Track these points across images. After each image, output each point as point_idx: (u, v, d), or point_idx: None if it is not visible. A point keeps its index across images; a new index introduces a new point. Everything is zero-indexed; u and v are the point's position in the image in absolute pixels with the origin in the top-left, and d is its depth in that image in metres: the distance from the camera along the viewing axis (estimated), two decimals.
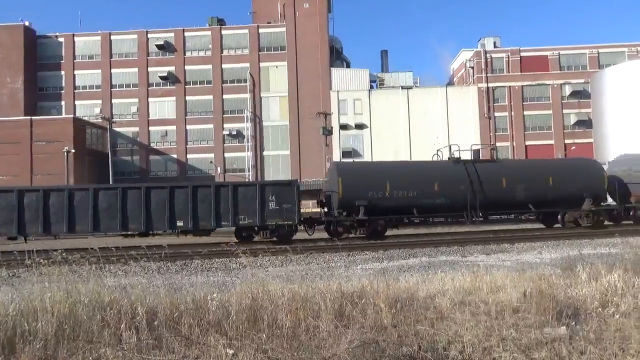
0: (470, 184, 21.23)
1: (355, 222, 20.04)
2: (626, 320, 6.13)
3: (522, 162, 24.89)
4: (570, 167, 23.96)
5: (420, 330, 5.60)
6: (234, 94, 50.30)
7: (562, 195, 22.00)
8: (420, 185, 20.93)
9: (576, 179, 22.41)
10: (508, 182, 21.60)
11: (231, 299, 6.53)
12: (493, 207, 22.00)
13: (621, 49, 50.09)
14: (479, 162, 22.50)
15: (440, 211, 21.68)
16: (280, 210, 19.12)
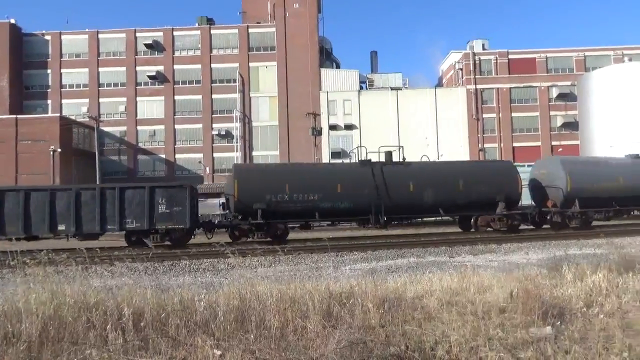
0: (376, 187, 20.37)
1: (253, 226, 19.19)
2: (610, 320, 6.22)
3: (432, 165, 23.39)
4: (482, 170, 22.93)
5: (407, 330, 5.62)
6: (223, 94, 50.13)
7: (473, 198, 21.15)
8: (323, 188, 20.01)
9: (489, 182, 21.60)
10: (416, 185, 20.75)
11: (219, 300, 6.51)
12: (399, 211, 21.15)
13: (607, 53, 50.79)
14: (386, 164, 21.56)
15: (343, 215, 20.68)
16: (171, 214, 18.48)
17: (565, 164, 23.14)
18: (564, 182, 22.27)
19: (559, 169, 22.81)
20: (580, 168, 23.65)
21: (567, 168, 22.78)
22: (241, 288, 6.66)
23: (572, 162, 24.88)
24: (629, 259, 9.16)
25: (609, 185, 22.96)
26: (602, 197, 22.77)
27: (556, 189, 22.50)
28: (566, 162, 23.91)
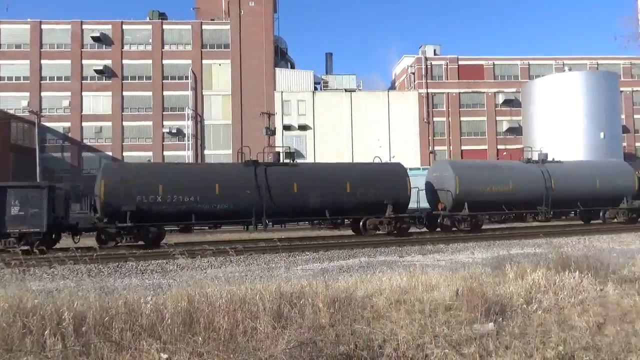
0: (258, 188, 19.40)
1: (121, 230, 17.77)
2: (547, 315, 6.55)
3: (319, 166, 23.12)
4: (371, 172, 21.94)
5: (357, 329, 5.69)
6: (174, 91, 48.90)
7: (360, 201, 20.57)
8: (200, 189, 18.86)
9: (377, 184, 20.98)
10: (300, 187, 19.91)
11: (166, 302, 6.36)
12: (283, 214, 20.23)
13: (549, 62, 53.45)
14: (271, 165, 20.75)
15: (223, 217, 19.45)
16: (26, 217, 16.93)
17: (455, 167, 22.90)
18: (453, 185, 22.07)
19: (449, 172, 22.56)
20: (470, 171, 23.26)
21: (457, 171, 22.55)
22: (190, 290, 6.53)
23: (462, 165, 24.83)
24: (565, 257, 9.66)
25: (499, 189, 22.96)
26: (491, 201, 22.79)
27: (446, 192, 22.41)
28: (456, 165, 23.77)
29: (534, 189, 23.67)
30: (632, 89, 52.51)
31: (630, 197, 25.35)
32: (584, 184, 24.69)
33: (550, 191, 23.69)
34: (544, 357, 4.96)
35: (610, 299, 7.45)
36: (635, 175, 25.87)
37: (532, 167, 24.53)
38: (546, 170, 24.25)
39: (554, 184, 23.86)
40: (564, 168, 25.36)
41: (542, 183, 23.76)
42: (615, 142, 43.72)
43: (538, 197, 23.66)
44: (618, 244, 16.91)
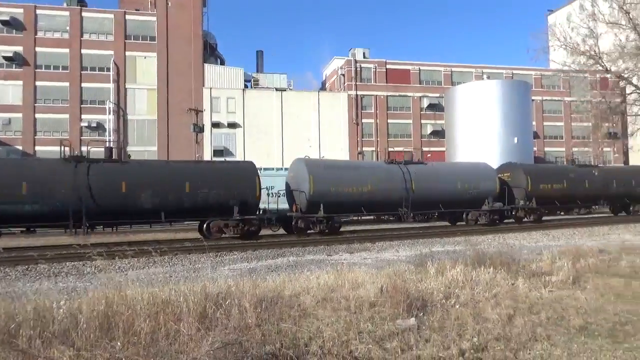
0: (77, 187, 17.17)
1: None
2: (464, 309, 6.93)
3: (154, 164, 21.13)
4: (215, 171, 20.12)
5: (283, 328, 5.69)
6: (94, 83, 46.15)
7: (202, 202, 18.82)
8: (1, 188, 16.28)
9: (222, 184, 19.30)
10: (130, 186, 18.04)
11: (82, 306, 5.99)
12: (108, 216, 18.06)
13: (470, 70, 56.56)
14: (95, 161, 18.50)
15: (33, 220, 16.93)
16: None
17: (310, 167, 21.44)
18: (307, 185, 20.81)
19: (304, 171, 21.20)
20: (327, 171, 21.94)
21: (312, 171, 21.17)
22: (108, 292, 6.19)
23: (318, 165, 23.01)
24: (481, 254, 10.27)
25: (358, 189, 21.94)
26: (349, 202, 21.72)
27: (300, 193, 21.16)
28: (311, 164, 22.10)
29: (394, 190, 22.79)
30: (542, 98, 56.91)
31: (492, 199, 25.43)
32: (446, 186, 24.35)
33: (410, 192, 22.99)
34: (460, 348, 5.23)
35: (520, 292, 8.02)
36: (497, 178, 26.12)
37: (393, 168, 23.64)
38: (407, 171, 23.49)
39: (414, 185, 23.16)
40: (426, 169, 24.79)
41: (403, 184, 22.96)
42: (527, 147, 47.09)
43: (398, 199, 22.88)
44: (528, 241, 18.25)
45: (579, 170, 30.22)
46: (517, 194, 27.06)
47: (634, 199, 32.29)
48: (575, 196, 28.86)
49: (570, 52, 17.56)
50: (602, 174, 30.69)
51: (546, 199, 27.26)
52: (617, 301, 7.46)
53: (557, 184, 28.03)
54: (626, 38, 16.37)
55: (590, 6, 17.63)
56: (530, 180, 27.00)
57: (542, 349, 5.34)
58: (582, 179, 29.39)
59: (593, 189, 29.60)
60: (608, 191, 30.46)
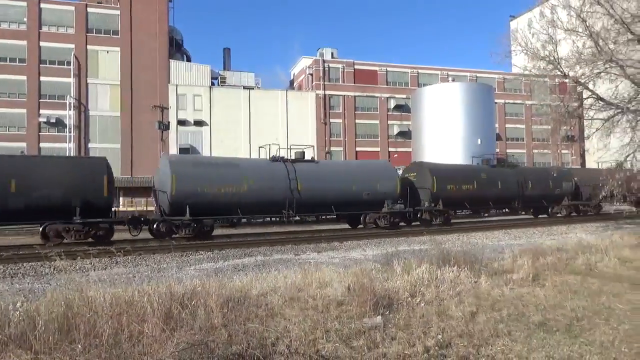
0: None
1: None
2: (429, 307, 7.05)
3: None
4: (50, 168, 17.81)
5: (250, 328, 5.65)
6: (54, 77, 44.52)
7: (34, 203, 16.67)
8: None
9: (59, 182, 17.28)
10: None
11: (40, 308, 5.79)
12: None
13: (435, 72, 57.61)
14: None
15: None
16: None
17: (173, 164, 19.36)
18: (169, 185, 18.68)
19: (167, 169, 19.10)
20: (194, 170, 19.73)
21: (175, 169, 19.08)
22: (68, 293, 5.99)
23: (183, 162, 20.49)
24: (446, 253, 10.47)
25: (231, 189, 19.77)
26: (221, 203, 19.66)
27: (163, 194, 19.17)
28: (176, 161, 19.98)
29: (277, 190, 20.61)
30: (504, 101, 58.55)
31: (391, 201, 23.68)
32: (339, 186, 22.18)
33: (295, 193, 20.96)
34: (425, 345, 5.32)
35: (482, 290, 8.22)
36: (397, 178, 24.56)
37: (277, 166, 21.41)
38: (293, 169, 21.28)
39: (301, 185, 21.11)
40: (316, 168, 22.52)
41: (287, 184, 20.77)
42: (490, 148, 48.32)
43: (281, 200, 20.61)
44: (490, 240, 18.75)
45: (491, 171, 29.07)
46: (423, 195, 25.22)
47: (552, 201, 31.18)
48: (487, 198, 27.53)
49: (531, 57, 18.10)
50: (516, 174, 29.63)
51: (454, 201, 25.90)
52: (574, 297, 7.75)
53: (467, 184, 26.51)
54: (583, 45, 17.00)
55: (550, 13, 18.24)
56: (436, 180, 25.18)
57: (503, 345, 5.49)
58: (495, 179, 28.09)
59: (506, 190, 28.37)
60: (523, 192, 29.27)
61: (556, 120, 18.32)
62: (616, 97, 17.11)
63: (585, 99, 18.72)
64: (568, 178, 31.96)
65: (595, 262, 11.41)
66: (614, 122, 17.22)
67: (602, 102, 17.30)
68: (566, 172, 33.20)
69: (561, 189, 31.33)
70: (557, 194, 31.23)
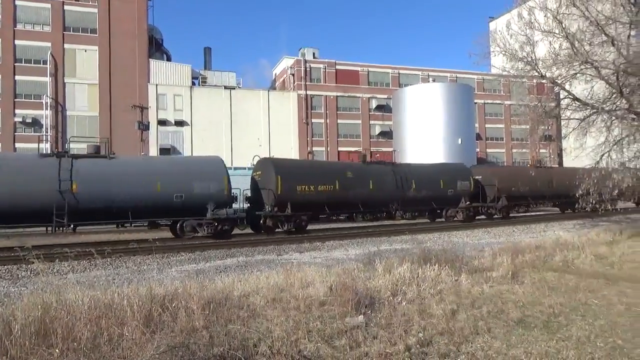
0: None
1: None
2: (411, 305, 7.11)
3: None
4: None
5: (232, 329, 5.62)
6: (29, 76, 43.57)
7: None
8: None
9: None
10: None
11: (16, 312, 5.66)
12: None
13: (416, 72, 58.08)
14: None
15: None
16: None
17: None
18: None
19: None
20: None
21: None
22: (45, 297, 5.89)
23: None
24: (427, 252, 10.58)
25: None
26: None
27: None
28: None
29: (42, 193, 16.19)
30: (484, 101, 59.35)
31: (213, 205, 19.09)
32: (137, 189, 17.72)
33: (70, 196, 16.55)
34: (406, 344, 5.36)
35: (463, 288, 8.33)
36: (224, 178, 19.62)
37: (44, 164, 16.98)
38: (68, 168, 16.83)
39: (79, 187, 16.82)
40: (107, 166, 17.94)
41: (56, 186, 16.30)
42: (470, 148, 48.96)
43: (47, 205, 16.11)
44: (471, 239, 18.98)
45: (361, 168, 24.76)
46: (266, 197, 20.96)
47: (445, 203, 26.96)
48: (352, 200, 23.12)
49: (509, 58, 18.39)
50: (395, 172, 25.28)
51: (307, 204, 21.38)
52: (552, 294, 7.90)
53: (324, 185, 22.13)
54: (559, 46, 17.34)
55: (528, 15, 18.54)
56: (281, 180, 20.77)
57: (483, 342, 5.57)
58: (365, 179, 23.71)
59: (380, 191, 23.96)
60: (405, 194, 24.90)
61: (534, 120, 18.65)
62: (592, 98, 17.50)
63: (562, 100, 19.10)
64: (465, 176, 28.16)
65: (572, 259, 11.65)
66: (589, 122, 17.61)
67: (578, 103, 17.68)
68: (463, 169, 29.40)
69: (455, 190, 27.05)
70: (451, 195, 26.93)
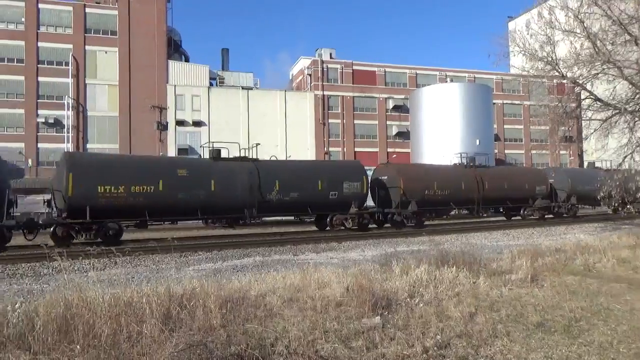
0: None
1: None
2: (428, 307, 7.05)
3: None
4: None
5: (249, 328, 5.65)
6: (52, 77, 44.48)
7: None
8: None
9: None
10: None
11: (39, 309, 5.78)
12: None
13: (434, 72, 57.69)
14: None
15: None
16: None
17: None
18: None
19: None
20: None
21: None
22: (67, 294, 5.99)
23: None
24: (445, 254, 10.48)
25: None
26: None
27: None
28: None
29: None
30: (502, 102, 58.66)
31: None
32: None
33: None
34: (424, 346, 5.32)
35: (481, 291, 8.23)
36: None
37: None
38: None
39: None
40: None
41: None
42: (488, 149, 48.40)
43: None
44: (489, 241, 18.75)
45: (204, 166, 20.21)
46: (58, 202, 17.44)
47: (325, 209, 22.04)
48: (186, 205, 18.77)
49: (529, 57, 18.14)
50: (250, 170, 20.31)
51: (116, 210, 17.34)
52: (572, 298, 7.76)
53: (142, 185, 17.83)
54: (581, 46, 17.05)
55: (548, 14, 18.27)
56: (72, 179, 16.79)
57: (502, 345, 5.50)
58: (206, 179, 19.28)
59: (227, 193, 19.57)
60: (263, 197, 20.25)
61: (554, 121, 18.36)
62: (614, 98, 17.17)
63: (583, 100, 18.76)
64: (356, 177, 22.62)
65: (593, 263, 11.42)
66: (611, 123, 17.26)
67: (599, 103, 17.35)
68: (353, 168, 23.59)
69: (340, 193, 21.90)
70: (334, 200, 21.81)
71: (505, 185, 28.37)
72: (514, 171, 35.19)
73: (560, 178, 31.52)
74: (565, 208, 30.98)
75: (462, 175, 27.08)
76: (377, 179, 25.11)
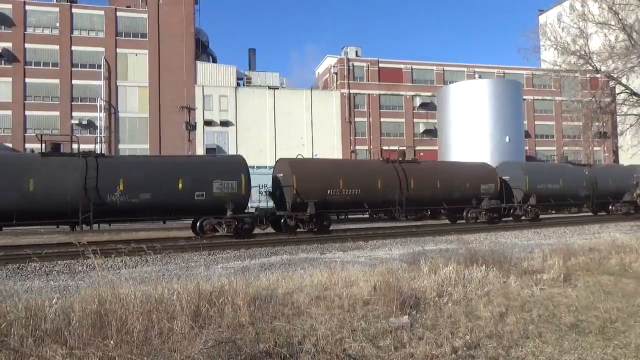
0: None
1: None
2: (457, 307, 6.97)
3: None
4: None
5: (277, 326, 5.69)
6: (85, 80, 45.77)
7: None
8: None
9: None
10: None
11: (74, 305, 5.97)
12: None
13: (461, 69, 56.80)
14: None
15: None
16: None
17: None
18: None
19: None
20: None
21: None
22: (101, 290, 6.17)
23: None
24: (474, 253, 10.33)
25: None
26: None
27: None
28: None
29: None
30: (533, 97, 57.32)
31: None
32: None
33: None
34: (453, 346, 5.26)
35: (511, 290, 8.07)
36: None
37: None
38: None
39: None
40: None
41: None
42: (518, 146, 47.41)
43: None
44: (520, 240, 18.38)
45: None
46: None
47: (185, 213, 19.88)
48: None
49: (560, 51, 17.67)
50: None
51: None
52: (608, 299, 7.53)
53: None
54: (615, 38, 16.52)
55: (581, 6, 17.75)
56: None
57: (533, 346, 5.38)
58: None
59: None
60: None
61: (587, 116, 17.85)
62: None
63: (618, 94, 18.16)
64: (230, 174, 19.68)
65: (629, 262, 11.04)
66: None
67: (636, 97, 16.76)
68: (233, 163, 20.30)
69: (206, 194, 18.72)
70: (201, 202, 18.79)
71: (437, 184, 23.88)
72: (451, 167, 28.53)
73: (517, 175, 27.34)
74: (522, 210, 27.04)
75: (378, 171, 22.72)
76: (275, 177, 22.15)
